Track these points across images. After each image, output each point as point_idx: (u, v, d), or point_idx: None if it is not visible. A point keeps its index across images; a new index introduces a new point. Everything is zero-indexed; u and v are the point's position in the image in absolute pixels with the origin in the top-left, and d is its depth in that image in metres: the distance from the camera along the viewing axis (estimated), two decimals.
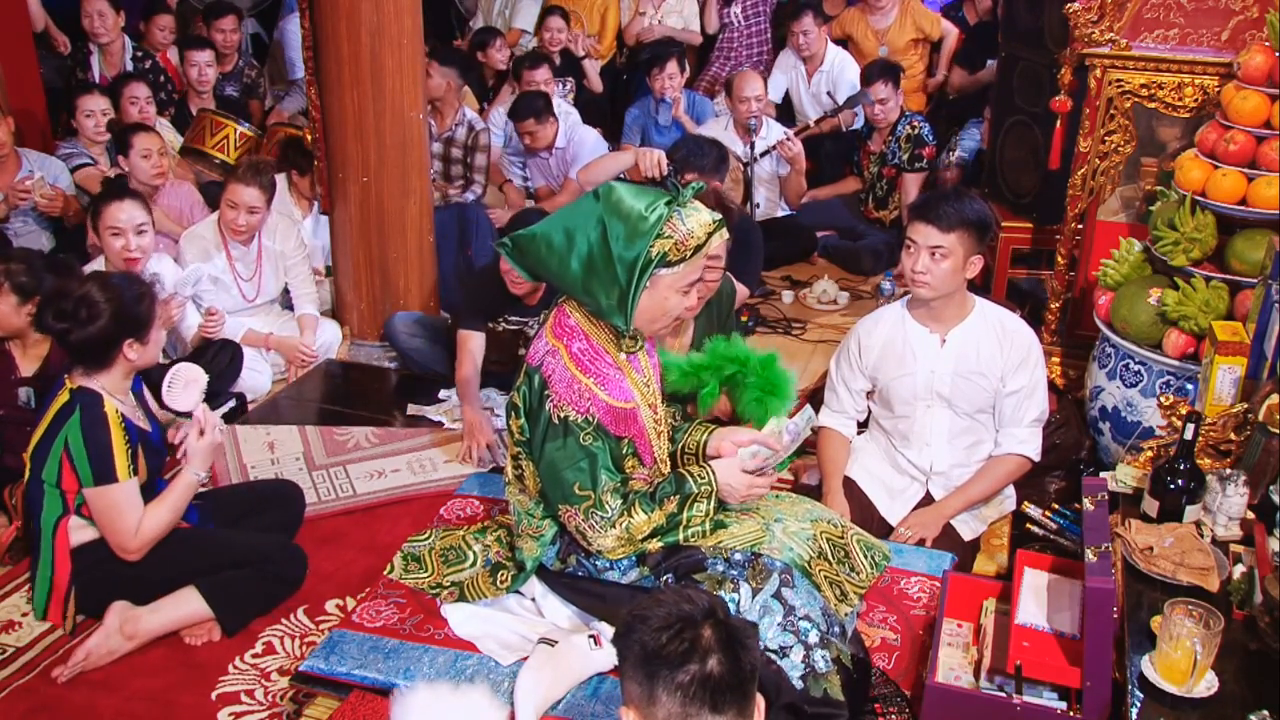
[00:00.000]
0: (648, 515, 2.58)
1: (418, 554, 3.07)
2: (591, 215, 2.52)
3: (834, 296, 5.30)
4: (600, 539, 2.58)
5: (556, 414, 2.55)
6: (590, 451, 2.55)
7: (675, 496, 2.60)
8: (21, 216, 4.85)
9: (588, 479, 2.56)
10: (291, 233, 4.65)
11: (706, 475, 2.64)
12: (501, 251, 2.65)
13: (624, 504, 2.58)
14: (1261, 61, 3.24)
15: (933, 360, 3.21)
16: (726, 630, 1.72)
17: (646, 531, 2.59)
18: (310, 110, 4.67)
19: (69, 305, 2.81)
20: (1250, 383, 2.80)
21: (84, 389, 2.87)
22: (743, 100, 5.58)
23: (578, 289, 2.55)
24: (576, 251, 2.51)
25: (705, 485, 2.63)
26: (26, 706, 2.73)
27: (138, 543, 2.89)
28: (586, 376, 2.57)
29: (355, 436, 4.05)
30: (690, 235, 2.51)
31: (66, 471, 2.84)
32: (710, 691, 1.68)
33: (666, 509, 2.60)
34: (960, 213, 3.06)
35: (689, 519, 2.61)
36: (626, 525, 2.57)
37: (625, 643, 1.75)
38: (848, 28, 6.77)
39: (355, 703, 2.67)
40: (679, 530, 2.61)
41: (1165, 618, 2.22)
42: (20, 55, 5.60)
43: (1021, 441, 3.23)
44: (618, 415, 2.60)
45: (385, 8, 4.38)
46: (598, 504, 2.56)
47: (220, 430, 3.03)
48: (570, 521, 2.62)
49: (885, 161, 5.72)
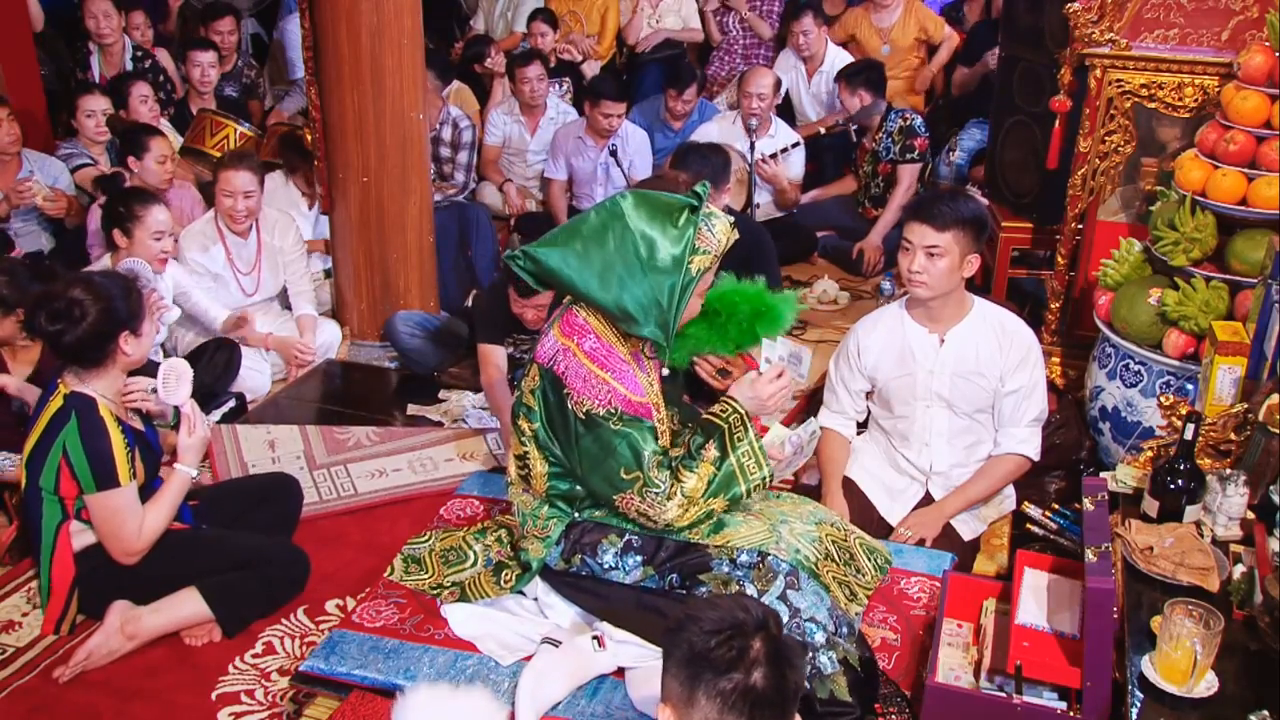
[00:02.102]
0: (695, 473, 2.58)
1: (418, 556, 3.07)
2: (613, 225, 2.49)
3: (834, 296, 5.30)
4: (663, 513, 2.57)
5: (579, 410, 2.54)
6: (623, 434, 2.54)
7: (710, 442, 2.60)
8: (22, 216, 4.86)
9: (630, 460, 2.54)
10: (290, 229, 4.65)
11: (729, 405, 2.64)
12: (513, 265, 2.57)
13: (671, 473, 2.58)
14: (1261, 61, 3.24)
15: (931, 360, 3.20)
16: (776, 646, 1.72)
17: (703, 489, 2.58)
18: (310, 110, 4.67)
19: (61, 305, 2.79)
20: (1250, 383, 2.80)
21: (78, 394, 2.85)
22: (746, 95, 5.58)
23: (607, 303, 2.50)
24: (603, 263, 2.48)
25: (733, 414, 2.62)
26: (26, 706, 2.73)
27: (141, 545, 2.89)
28: (603, 371, 2.56)
29: (356, 435, 4.05)
30: (718, 244, 2.52)
31: (65, 478, 2.83)
32: (750, 704, 1.67)
33: (708, 458, 2.59)
34: (955, 212, 3.05)
35: (740, 464, 2.60)
36: (681, 491, 2.57)
37: (674, 640, 1.75)
38: (850, 28, 6.78)
39: (355, 703, 2.67)
40: (737, 482, 2.60)
41: (1165, 618, 2.22)
42: (20, 55, 5.61)
43: (1021, 441, 3.23)
44: (633, 408, 2.59)
45: (385, 8, 4.38)
46: (647, 482, 2.55)
47: (207, 425, 3.05)
48: (629, 508, 2.60)
49: (879, 159, 5.71)
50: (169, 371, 2.99)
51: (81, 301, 2.80)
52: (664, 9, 7.24)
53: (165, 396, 2.99)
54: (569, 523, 2.72)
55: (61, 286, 2.85)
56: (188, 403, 3.00)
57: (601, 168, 5.76)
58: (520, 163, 6.18)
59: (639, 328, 2.51)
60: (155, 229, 4.06)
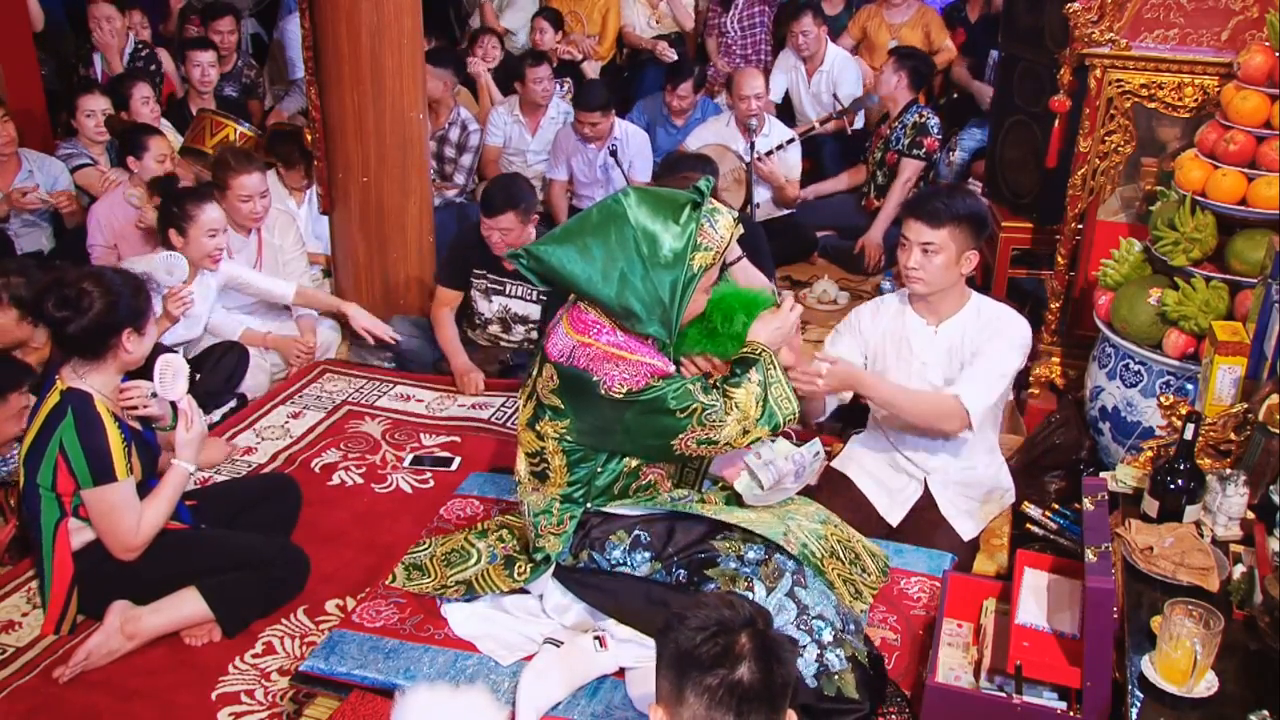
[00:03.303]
0: (743, 389, 2.60)
1: (419, 563, 3.04)
2: (615, 221, 2.49)
3: (834, 296, 5.30)
4: (723, 430, 2.58)
5: (616, 393, 2.51)
6: (665, 386, 2.53)
7: (752, 369, 2.62)
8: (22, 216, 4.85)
9: (680, 399, 2.53)
10: (290, 228, 4.66)
11: (756, 344, 2.67)
12: (517, 264, 2.58)
13: (718, 393, 2.59)
14: (1261, 61, 3.24)
15: (926, 351, 3.22)
16: (763, 641, 1.72)
17: (752, 403, 2.59)
18: (310, 110, 4.67)
19: (70, 293, 2.81)
20: (1250, 383, 2.80)
21: (74, 390, 2.85)
22: (742, 98, 5.58)
23: (610, 300, 2.51)
24: (605, 260, 2.48)
25: (763, 351, 2.65)
26: (26, 706, 2.73)
27: (139, 541, 2.89)
28: (630, 353, 2.54)
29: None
30: (722, 240, 2.52)
31: (62, 474, 2.83)
32: (737, 699, 1.68)
33: (753, 379, 2.61)
34: (951, 208, 3.06)
35: (775, 394, 2.62)
36: (735, 404, 2.58)
37: (663, 640, 1.77)
38: (862, 22, 6.87)
39: (355, 703, 2.67)
40: (776, 409, 2.62)
41: (1165, 618, 2.22)
42: (20, 55, 5.61)
43: (964, 388, 3.07)
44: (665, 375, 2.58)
45: (385, 8, 4.37)
46: (704, 406, 2.55)
47: (205, 421, 3.07)
48: (690, 443, 2.58)
49: (889, 147, 5.72)
50: (165, 367, 2.99)
51: (90, 292, 2.82)
52: (664, 9, 7.27)
53: (162, 392, 2.99)
54: (581, 518, 2.71)
55: (74, 275, 2.88)
56: (185, 398, 3.01)
57: (601, 169, 5.75)
58: (521, 162, 6.17)
59: (642, 326, 2.51)
60: (210, 227, 4.07)
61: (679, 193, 2.53)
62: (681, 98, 6.15)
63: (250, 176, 4.36)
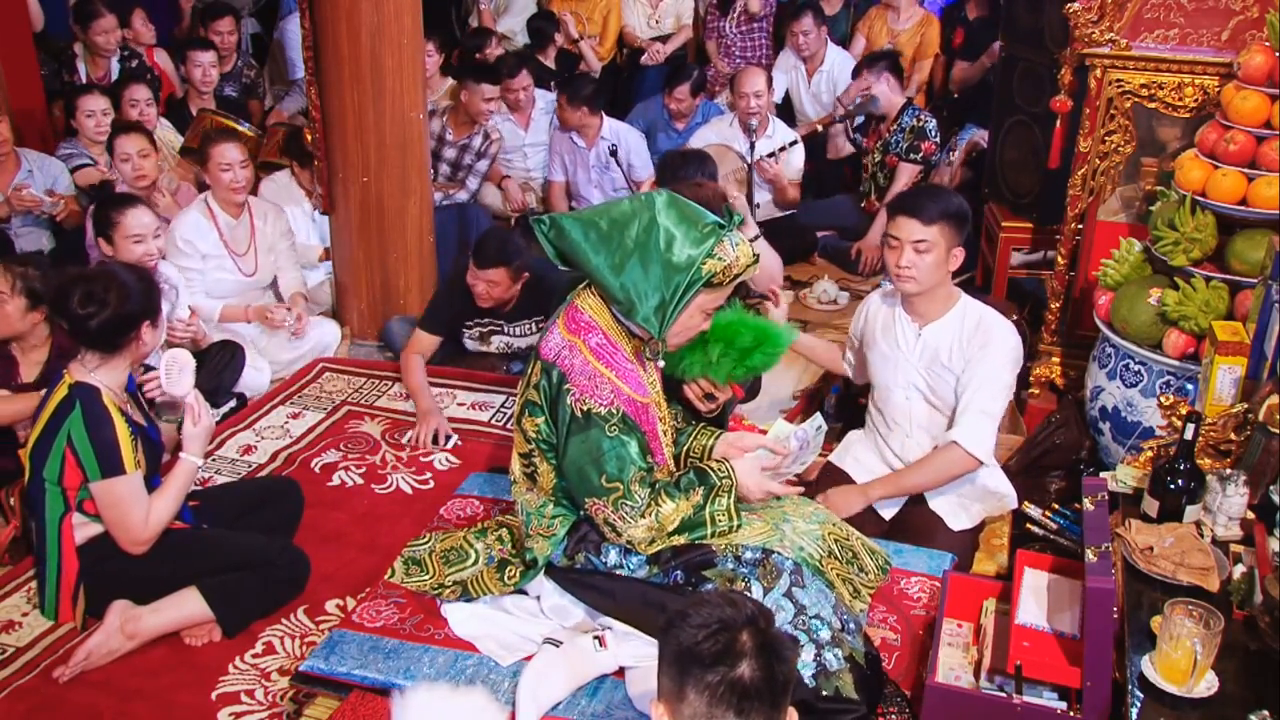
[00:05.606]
0: (675, 503, 2.60)
1: (418, 558, 3.05)
2: (641, 215, 2.53)
3: (834, 296, 5.30)
4: (630, 529, 2.59)
5: (579, 407, 2.55)
6: (616, 441, 2.55)
7: (700, 487, 2.62)
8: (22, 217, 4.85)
9: (614, 469, 2.55)
10: (280, 218, 4.66)
11: (726, 469, 2.67)
12: (537, 229, 2.61)
13: (651, 492, 2.59)
14: (1261, 61, 3.24)
15: (910, 350, 3.24)
16: (764, 639, 1.73)
17: (675, 522, 2.60)
18: (310, 110, 4.67)
19: (97, 288, 2.84)
20: (1250, 383, 2.80)
21: (82, 384, 2.86)
22: (742, 95, 5.58)
23: (613, 285, 2.53)
24: (621, 247, 2.51)
25: (725, 480, 2.65)
26: (27, 706, 2.73)
27: (148, 534, 2.90)
28: (608, 369, 2.57)
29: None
30: (736, 263, 2.54)
31: (70, 468, 2.84)
32: (738, 696, 1.68)
33: (693, 499, 2.61)
34: (940, 206, 3.10)
35: (713, 515, 2.62)
36: (655, 514, 2.58)
37: (664, 638, 1.77)
38: (868, 23, 6.91)
39: (355, 703, 2.67)
40: (705, 527, 2.62)
41: (1165, 618, 2.22)
42: (20, 55, 5.61)
43: (964, 431, 3.11)
44: (635, 409, 2.60)
45: (385, 8, 4.38)
46: (626, 494, 2.56)
47: (212, 415, 3.09)
48: (599, 514, 2.61)
49: (888, 149, 5.73)
50: (171, 362, 3.00)
51: (112, 288, 2.85)
52: (663, 9, 7.27)
53: (168, 387, 3.01)
54: (574, 521, 2.73)
55: (95, 270, 2.94)
56: (191, 393, 3.02)
57: (599, 169, 5.76)
58: (518, 157, 6.18)
59: (635, 312, 2.53)
60: (132, 232, 3.90)
61: (708, 213, 2.58)
62: (679, 100, 6.14)
63: (228, 146, 4.38)
